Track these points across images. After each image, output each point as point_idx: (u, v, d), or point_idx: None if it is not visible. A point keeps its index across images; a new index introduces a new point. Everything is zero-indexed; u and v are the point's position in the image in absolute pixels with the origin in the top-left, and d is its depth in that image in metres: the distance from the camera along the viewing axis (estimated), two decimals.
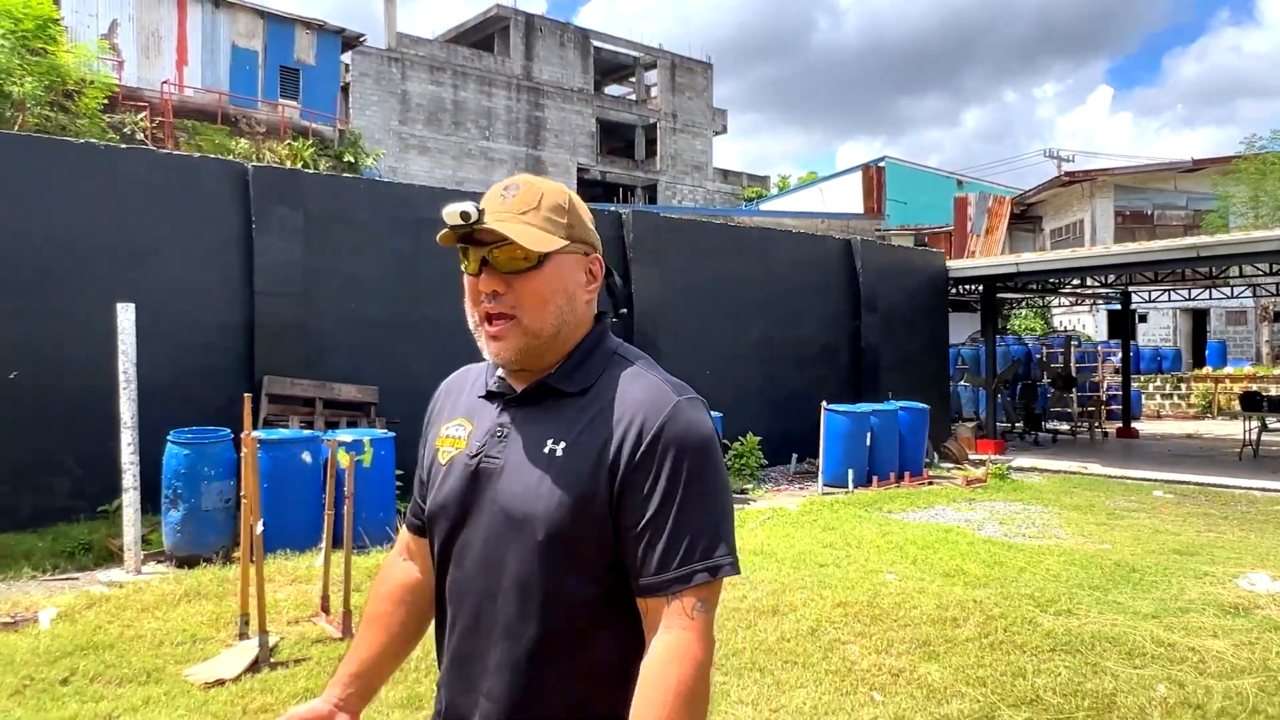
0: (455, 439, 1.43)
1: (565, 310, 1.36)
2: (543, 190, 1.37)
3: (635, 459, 1.28)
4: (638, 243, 10.29)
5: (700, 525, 1.28)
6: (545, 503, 1.29)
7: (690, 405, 1.33)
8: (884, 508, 9.33)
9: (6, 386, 6.79)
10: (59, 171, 6.98)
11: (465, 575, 1.37)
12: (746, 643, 4.77)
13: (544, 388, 1.37)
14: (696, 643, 1.25)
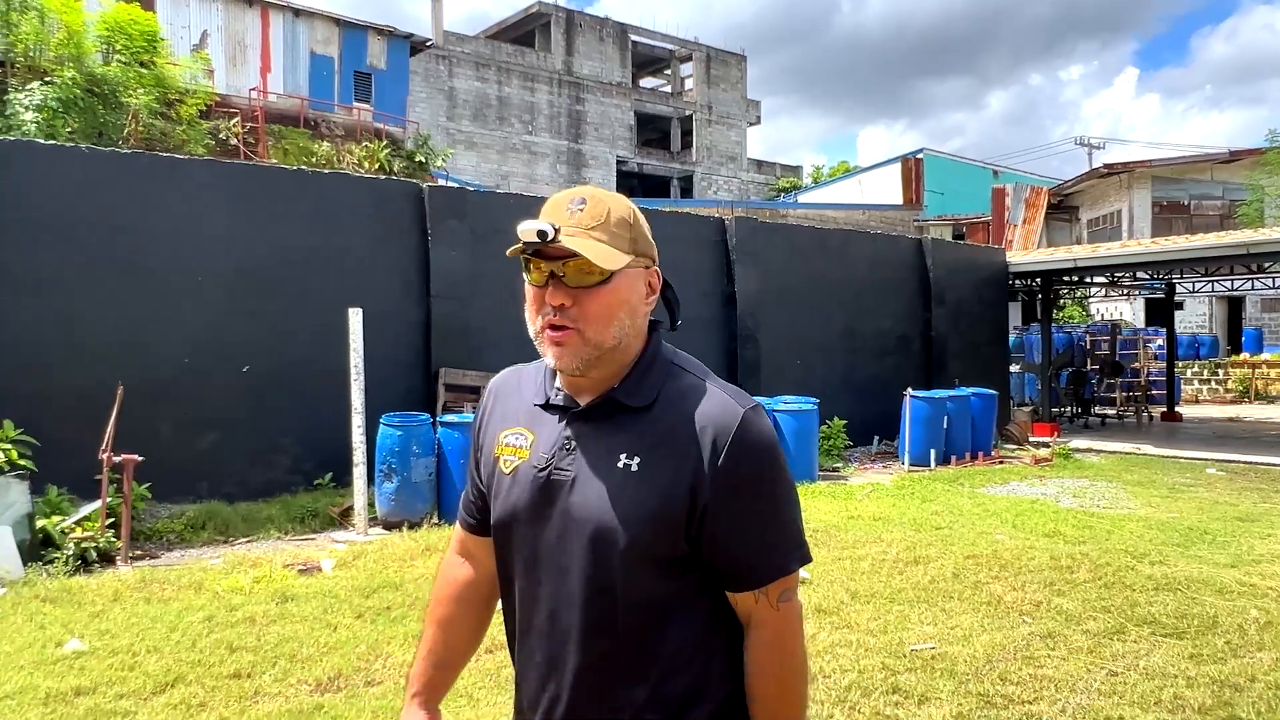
0: (517, 448, 1.46)
1: (627, 324, 1.40)
2: (610, 205, 1.40)
3: (713, 471, 1.34)
4: (739, 245, 11.41)
5: (780, 524, 1.40)
6: (625, 516, 1.34)
7: (755, 415, 1.40)
8: (966, 483, 10.42)
9: (241, 378, 8.01)
10: (279, 194, 8.18)
11: (538, 583, 1.43)
12: (906, 583, 5.91)
13: (610, 402, 1.41)
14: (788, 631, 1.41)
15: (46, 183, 7.15)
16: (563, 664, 1.40)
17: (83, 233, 7.29)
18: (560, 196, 1.41)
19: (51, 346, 7.16)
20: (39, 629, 4.89)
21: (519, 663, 1.49)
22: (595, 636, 1.38)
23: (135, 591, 5.65)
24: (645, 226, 1.45)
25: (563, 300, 1.36)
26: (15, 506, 6.21)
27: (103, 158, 7.52)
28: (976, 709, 3.92)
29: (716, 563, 1.38)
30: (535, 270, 1.37)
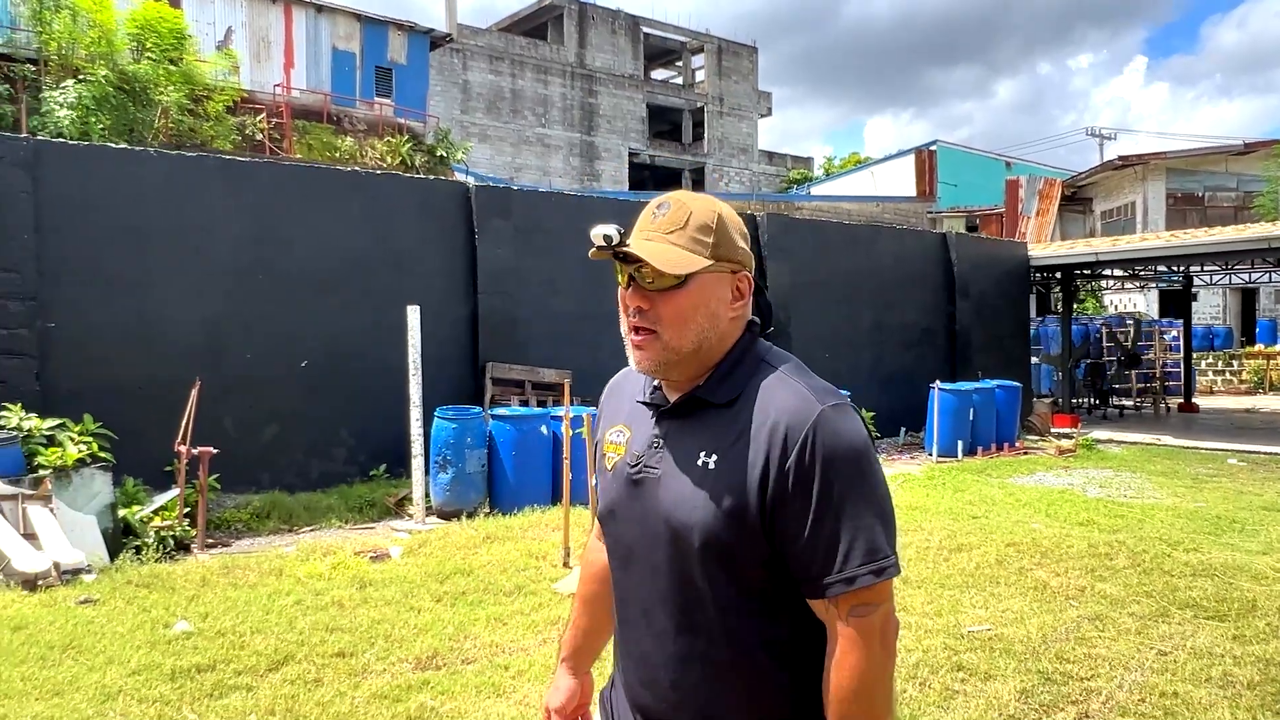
0: (617, 445, 1.52)
1: (707, 328, 1.40)
2: (692, 209, 1.41)
3: (784, 470, 1.32)
4: (771, 241, 11.66)
5: (857, 530, 1.32)
6: (701, 514, 1.35)
7: (836, 412, 1.35)
8: (994, 474, 10.67)
9: (300, 373, 8.29)
10: (335, 194, 8.44)
11: (631, 578, 1.48)
12: (953, 569, 6.18)
13: (694, 400, 1.43)
14: (852, 649, 1.31)
15: (119, 185, 7.43)
16: (655, 659, 1.44)
17: (154, 233, 7.57)
18: (653, 201, 1.45)
19: (124, 343, 7.45)
20: (142, 611, 5.18)
21: (619, 653, 1.55)
22: (682, 634, 1.40)
23: (221, 577, 5.94)
24: (734, 231, 1.44)
25: (640, 303, 1.40)
26: (99, 497, 6.50)
27: (170, 160, 7.80)
28: (1039, 685, 4.19)
29: (789, 564, 1.35)
30: (620, 272, 1.41)
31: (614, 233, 1.37)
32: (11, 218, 6.92)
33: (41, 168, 7.07)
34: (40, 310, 7.05)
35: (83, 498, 6.42)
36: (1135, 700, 4.02)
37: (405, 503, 8.11)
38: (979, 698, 4.05)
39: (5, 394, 6.80)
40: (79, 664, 4.35)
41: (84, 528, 6.23)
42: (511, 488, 8.11)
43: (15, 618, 5.05)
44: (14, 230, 6.93)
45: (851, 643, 1.32)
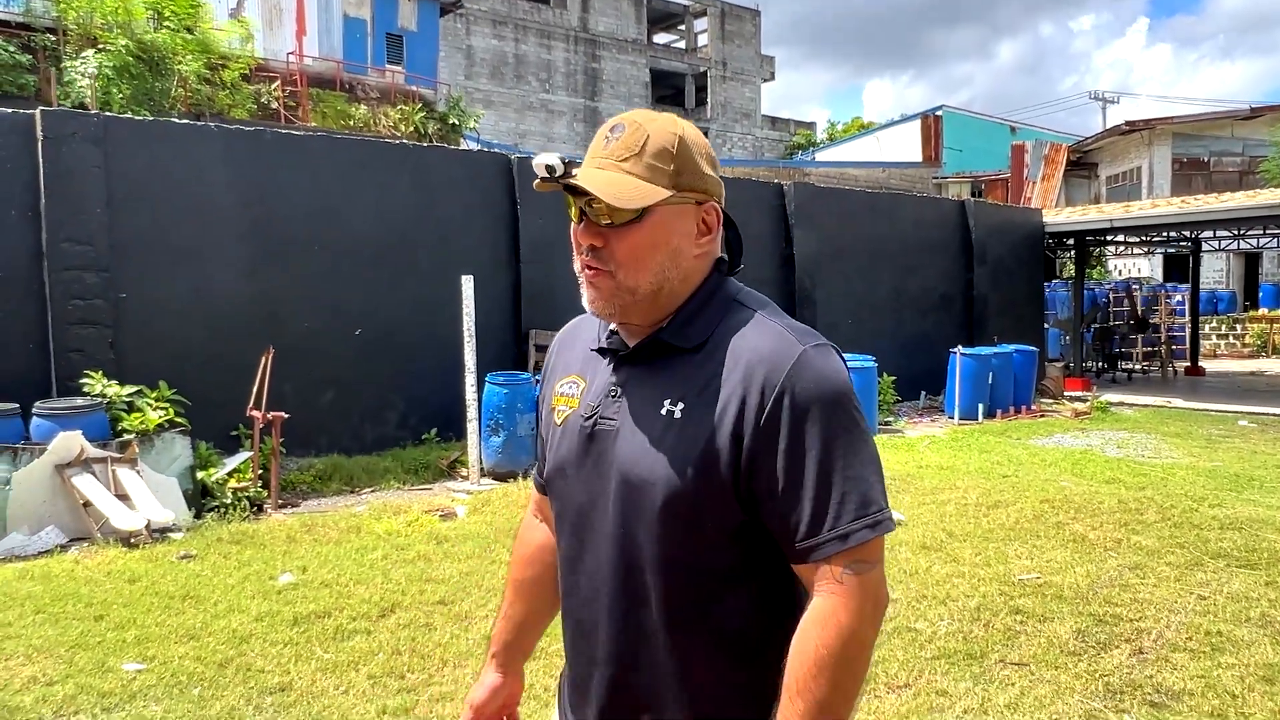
0: (569, 397, 1.37)
1: (668, 266, 1.27)
2: (649, 132, 1.25)
3: (763, 418, 1.19)
4: (798, 210, 11.91)
5: (846, 481, 1.20)
6: (664, 468, 1.22)
7: (819, 353, 1.23)
8: (1015, 435, 11.02)
9: (353, 341, 8.58)
10: (384, 166, 8.68)
11: (583, 543, 1.33)
12: (994, 524, 6.53)
13: (657, 343, 1.29)
14: (844, 607, 1.18)
15: (182, 160, 7.65)
16: (603, 631, 1.31)
17: (216, 207, 7.81)
18: (607, 123, 1.30)
19: (190, 313, 7.72)
20: (242, 565, 5.52)
21: (565, 629, 1.41)
22: (635, 606, 1.27)
23: (304, 534, 6.28)
24: (699, 157, 1.28)
25: (593, 240, 1.26)
26: (180, 460, 6.83)
27: (230, 134, 8.03)
28: (1093, 625, 4.54)
29: (768, 524, 1.22)
30: (571, 205, 1.27)
31: (557, 162, 1.22)
32: (84, 192, 7.16)
33: (110, 143, 7.30)
34: (113, 282, 7.31)
35: (164, 460, 6.74)
36: (1184, 638, 4.37)
37: (458, 465, 8.43)
38: (1039, 636, 4.41)
39: (83, 362, 7.08)
40: (202, 612, 4.68)
41: (167, 489, 6.55)
42: None
43: (126, 571, 5.38)
44: (87, 204, 7.17)
45: (844, 602, 1.18)
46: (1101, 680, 3.91)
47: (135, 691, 3.73)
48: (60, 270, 7.09)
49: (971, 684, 3.86)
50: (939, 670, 4.00)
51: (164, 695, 3.72)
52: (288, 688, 3.76)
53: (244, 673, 3.93)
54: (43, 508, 6.06)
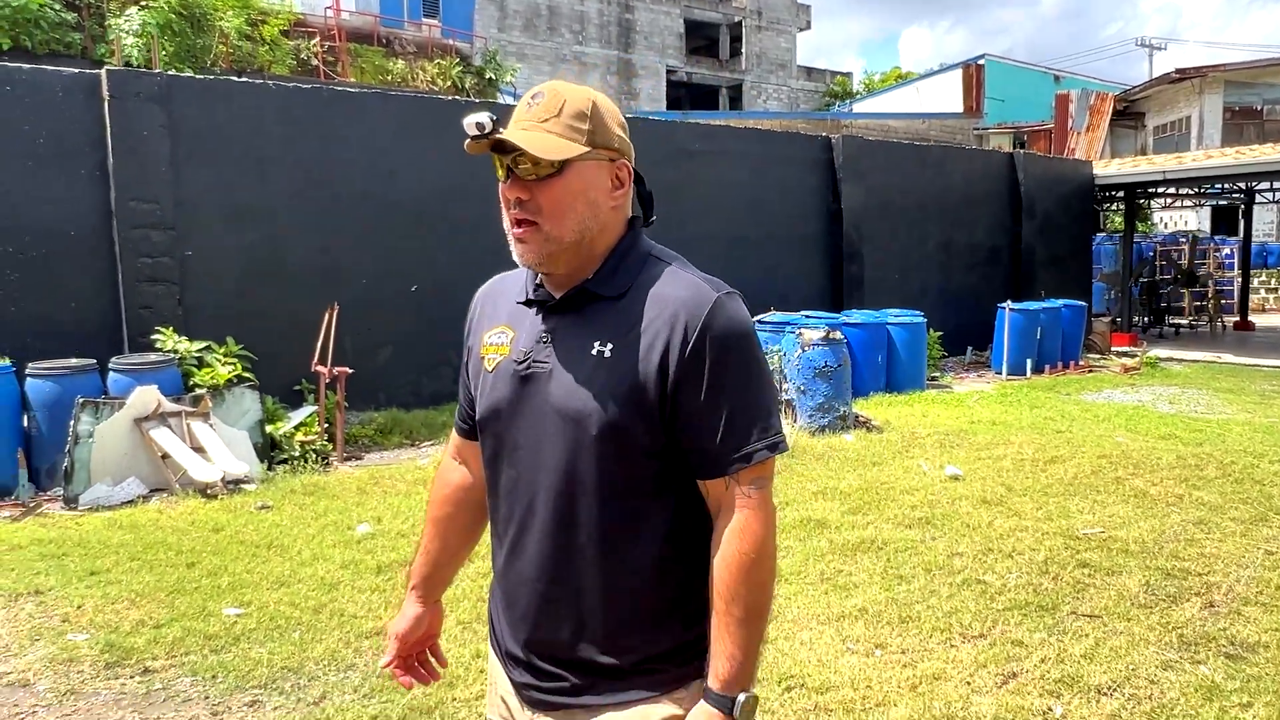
0: (498, 345, 1.49)
1: (587, 217, 1.40)
2: (566, 97, 1.39)
3: (685, 354, 1.35)
4: (846, 164, 11.80)
5: (752, 409, 1.38)
6: (598, 400, 1.36)
7: (730, 299, 1.40)
8: (1064, 390, 10.96)
9: (409, 298, 8.69)
10: (436, 124, 8.70)
11: (519, 474, 1.46)
12: (1052, 479, 6.55)
13: (584, 293, 1.43)
14: (755, 518, 1.37)
15: (243, 118, 7.74)
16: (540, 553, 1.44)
17: (276, 164, 7.90)
18: (528, 92, 1.43)
19: (253, 270, 7.86)
20: (319, 516, 5.69)
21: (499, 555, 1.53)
22: (570, 527, 1.41)
23: (372, 486, 6.45)
24: (611, 119, 1.43)
25: (519, 193, 1.38)
26: (249, 413, 7.00)
27: (288, 92, 8.08)
28: (1161, 579, 4.58)
29: (685, 445, 1.38)
30: (498, 165, 1.39)
31: (487, 121, 1.34)
32: (150, 151, 7.27)
33: (173, 102, 7.39)
34: (179, 239, 7.45)
35: (235, 414, 6.92)
36: (1254, 592, 4.41)
37: None
38: (1108, 589, 4.46)
39: (153, 319, 7.25)
40: (288, 560, 4.86)
41: (239, 442, 6.74)
42: None
43: (209, 521, 5.58)
44: (152, 163, 7.28)
45: (753, 513, 1.36)
46: (1175, 632, 3.96)
47: (239, 635, 3.90)
48: (129, 228, 7.24)
49: (1046, 635, 3.93)
50: (1012, 621, 4.07)
51: (266, 638, 3.88)
52: (382, 631, 3.91)
53: (338, 617, 4.09)
54: (124, 460, 6.26)
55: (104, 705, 3.36)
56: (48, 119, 7.04)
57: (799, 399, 8.29)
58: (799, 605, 4.26)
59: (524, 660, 1.49)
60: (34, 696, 3.42)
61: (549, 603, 1.44)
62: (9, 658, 3.73)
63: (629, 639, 1.43)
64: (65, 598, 4.34)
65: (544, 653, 1.47)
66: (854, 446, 7.63)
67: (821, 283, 11.94)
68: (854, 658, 3.71)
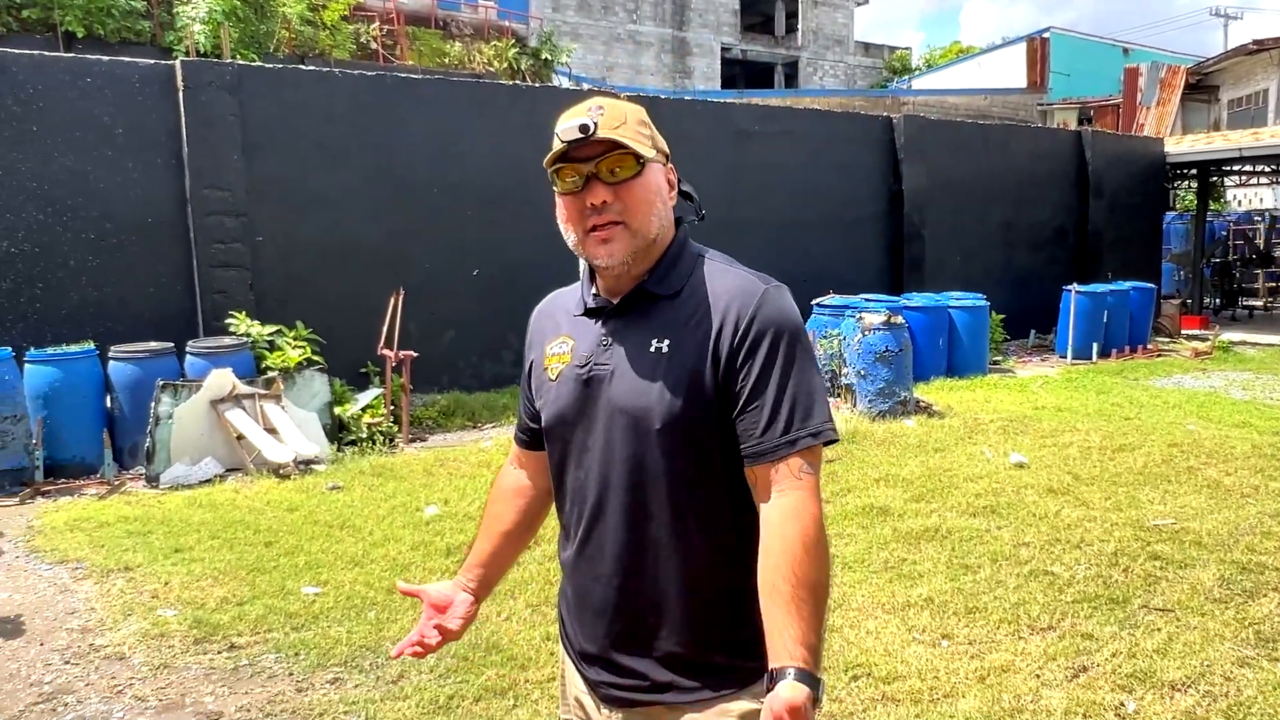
0: (560, 354, 1.55)
1: (662, 214, 1.48)
2: (626, 109, 1.47)
3: (735, 343, 1.42)
4: (907, 144, 11.62)
5: (799, 396, 1.42)
6: (660, 395, 1.42)
7: (778, 292, 1.47)
8: (1132, 376, 10.71)
9: (471, 282, 8.82)
10: (499, 108, 8.78)
11: (587, 473, 1.50)
12: (1121, 468, 6.43)
13: (641, 293, 1.49)
14: (811, 500, 1.39)
15: (311, 105, 7.90)
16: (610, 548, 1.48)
17: (343, 151, 8.05)
18: (578, 106, 1.46)
19: (321, 255, 8.03)
20: (388, 497, 5.84)
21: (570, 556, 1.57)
22: (639, 521, 1.45)
23: (438, 468, 6.58)
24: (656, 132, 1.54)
25: (604, 197, 1.43)
26: (319, 396, 7.19)
27: (354, 80, 8.22)
28: (1237, 573, 4.49)
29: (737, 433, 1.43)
30: (569, 177, 1.45)
31: (590, 123, 1.41)
32: (222, 140, 7.46)
33: (244, 91, 7.57)
34: (250, 225, 7.64)
35: (305, 396, 7.11)
36: None
37: None
38: (1181, 583, 4.39)
39: (226, 303, 7.47)
40: (360, 540, 5.00)
41: (309, 423, 6.92)
42: None
43: (283, 501, 5.76)
44: (225, 151, 7.47)
45: (808, 494, 1.39)
46: (1251, 628, 3.88)
47: (317, 613, 4.04)
48: (203, 215, 7.45)
49: (1117, 628, 3.89)
50: (1081, 614, 4.03)
51: (343, 617, 4.02)
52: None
53: (411, 598, 4.20)
54: (201, 440, 6.48)
55: (195, 679, 3.52)
56: (126, 109, 7.26)
57: (859, 384, 8.24)
58: (863, 593, 4.27)
59: (600, 657, 1.52)
60: (130, 669, 3.59)
61: (626, 598, 1.48)
62: (105, 631, 3.92)
63: (708, 631, 1.46)
64: (153, 574, 4.53)
65: (622, 648, 1.49)
66: (915, 432, 7.57)
67: (881, 265, 11.80)
68: (920, 647, 3.72)
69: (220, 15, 17.22)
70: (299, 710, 3.28)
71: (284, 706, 3.31)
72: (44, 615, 4.13)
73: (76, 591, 4.39)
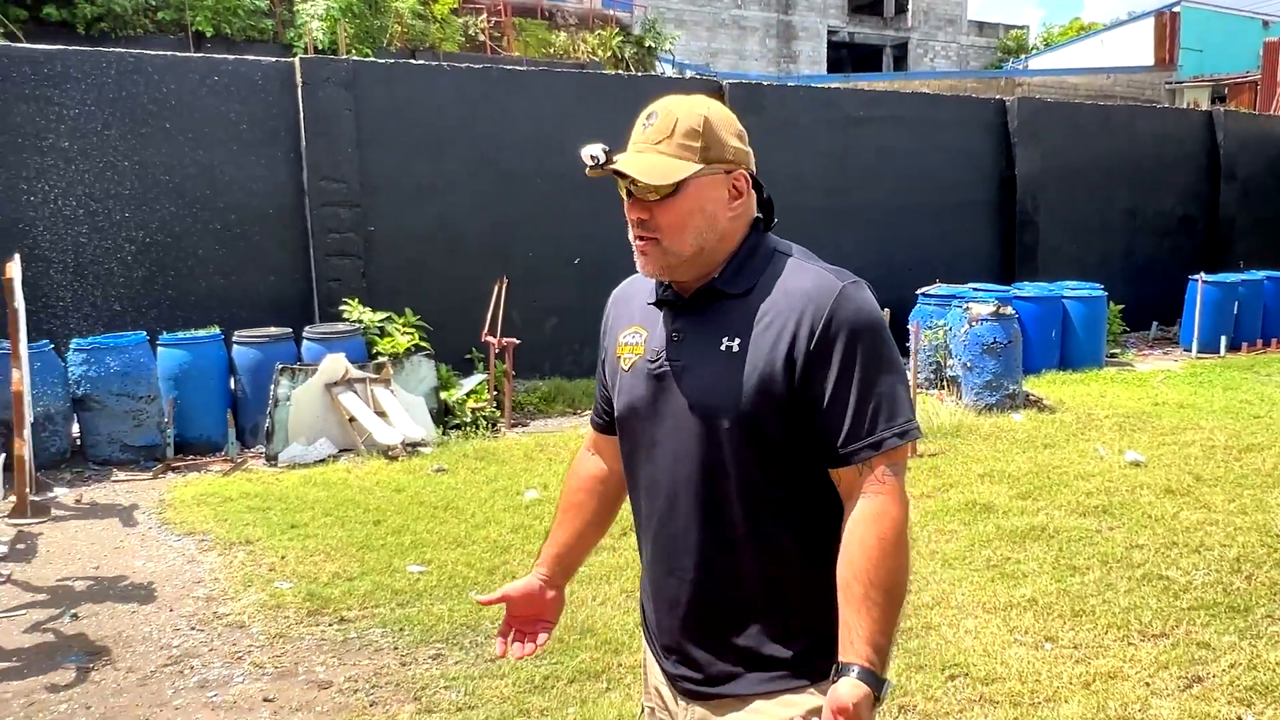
0: (633, 345, 1.55)
1: (704, 230, 1.44)
2: (678, 116, 1.44)
3: (812, 345, 1.39)
4: (1021, 127, 11.21)
5: (882, 396, 1.39)
6: (729, 393, 1.41)
7: (856, 289, 1.43)
8: (1263, 371, 10.06)
9: (574, 269, 8.94)
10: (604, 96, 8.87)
11: (658, 469, 1.50)
12: (1247, 469, 6.08)
13: (711, 291, 1.48)
14: (893, 503, 1.38)
15: (420, 99, 8.14)
16: (683, 544, 1.48)
17: (450, 143, 8.28)
18: (644, 111, 1.49)
19: (429, 245, 8.29)
20: (489, 480, 6.00)
21: (645, 549, 1.59)
22: (710, 519, 1.45)
23: (538, 453, 6.73)
24: (724, 132, 1.46)
25: (639, 214, 1.45)
26: (425, 381, 7.43)
27: (460, 73, 8.44)
28: None
29: (816, 434, 1.41)
30: (620, 186, 1.47)
31: (599, 152, 1.43)
32: (338, 134, 7.77)
33: (358, 86, 7.85)
34: (363, 216, 7.94)
35: (413, 381, 7.36)
36: None
37: None
38: None
39: (340, 290, 7.79)
40: (463, 521, 5.16)
41: (416, 407, 7.16)
42: None
43: (391, 482, 5.99)
44: (340, 145, 7.78)
45: (890, 499, 1.38)
46: None
47: (421, 591, 4.21)
48: (319, 206, 7.78)
49: (1237, 638, 3.70)
50: (1198, 621, 3.85)
51: (445, 595, 4.16)
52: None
53: (510, 579, 4.29)
54: (316, 421, 6.79)
55: (308, 649, 3.71)
56: (250, 105, 7.64)
57: (964, 376, 8.02)
58: (964, 592, 4.17)
59: (676, 650, 1.53)
60: (249, 637, 3.82)
61: (699, 593, 1.49)
62: (227, 600, 4.17)
63: (782, 627, 1.47)
64: (271, 548, 4.79)
65: (696, 641, 1.51)
66: (1024, 427, 7.33)
67: (991, 253, 11.43)
68: (1022, 649, 3.62)
69: (337, 12, 17.88)
70: (402, 683, 3.43)
71: (389, 679, 3.47)
72: (173, 583, 4.42)
73: (202, 562, 4.68)
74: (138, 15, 16.96)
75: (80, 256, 7.24)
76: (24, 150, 7.05)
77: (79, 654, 3.71)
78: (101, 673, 3.56)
